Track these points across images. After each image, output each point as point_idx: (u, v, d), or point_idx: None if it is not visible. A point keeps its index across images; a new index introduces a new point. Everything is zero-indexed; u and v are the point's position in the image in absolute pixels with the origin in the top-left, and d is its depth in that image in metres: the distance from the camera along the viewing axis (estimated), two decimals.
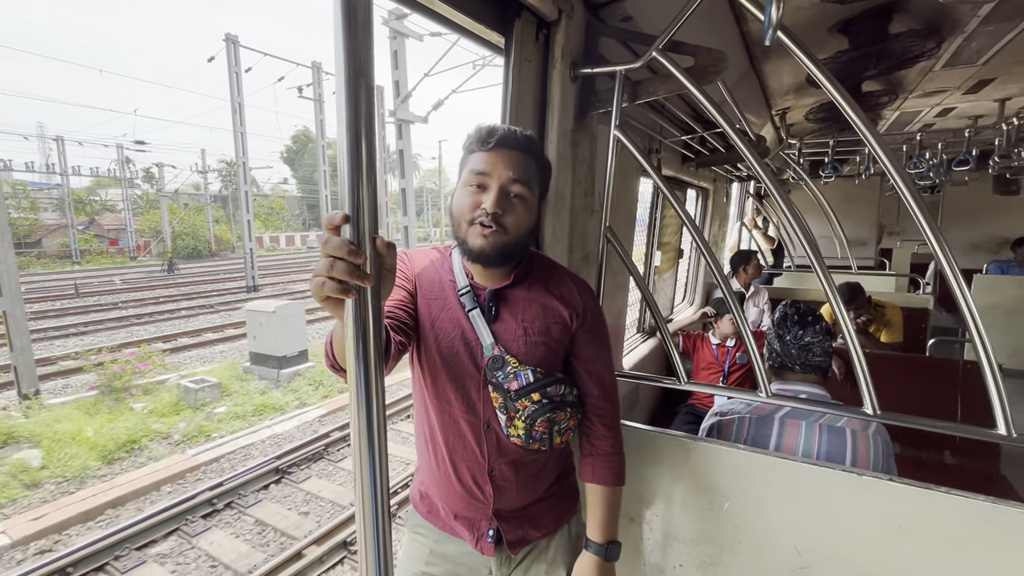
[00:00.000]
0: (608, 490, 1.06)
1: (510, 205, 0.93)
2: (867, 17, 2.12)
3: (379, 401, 0.62)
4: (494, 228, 0.91)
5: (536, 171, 0.97)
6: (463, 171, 0.96)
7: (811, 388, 1.36)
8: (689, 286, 3.79)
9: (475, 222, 0.92)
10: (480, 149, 0.94)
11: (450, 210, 0.98)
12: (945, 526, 1.01)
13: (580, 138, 1.42)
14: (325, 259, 0.58)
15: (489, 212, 0.90)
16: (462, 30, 1.15)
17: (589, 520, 1.07)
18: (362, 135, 0.57)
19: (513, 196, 0.93)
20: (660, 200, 2.85)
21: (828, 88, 1.05)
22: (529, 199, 0.95)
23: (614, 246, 1.38)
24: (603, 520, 1.05)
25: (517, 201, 0.93)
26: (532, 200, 0.96)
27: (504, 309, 1.01)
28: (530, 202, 0.95)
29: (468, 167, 0.94)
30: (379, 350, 0.62)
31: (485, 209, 0.91)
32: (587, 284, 1.09)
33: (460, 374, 0.99)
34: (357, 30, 0.55)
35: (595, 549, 1.05)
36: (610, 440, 1.08)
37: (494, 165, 0.92)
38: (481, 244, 0.92)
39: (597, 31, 1.37)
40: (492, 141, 0.93)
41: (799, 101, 3.37)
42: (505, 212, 0.92)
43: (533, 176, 0.96)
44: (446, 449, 1.02)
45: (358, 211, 0.58)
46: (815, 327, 1.41)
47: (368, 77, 0.57)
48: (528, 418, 0.97)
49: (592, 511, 1.07)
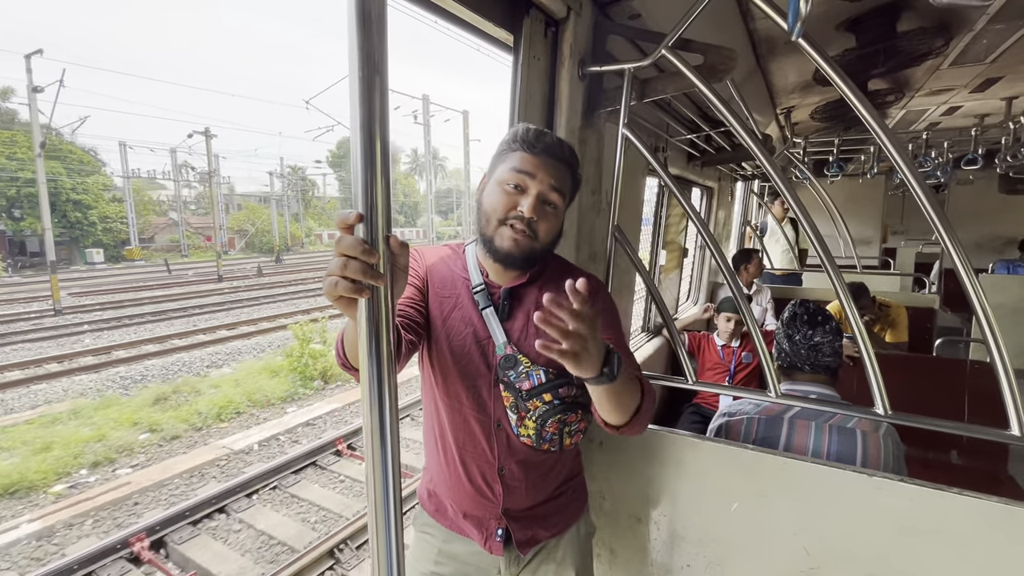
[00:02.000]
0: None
1: (544, 213, 0.93)
2: (875, 15, 2.11)
3: (392, 400, 0.62)
4: (528, 232, 0.92)
5: (570, 185, 0.98)
6: (499, 167, 0.95)
7: (821, 388, 1.36)
8: (694, 285, 3.79)
9: (507, 222, 0.92)
10: (525, 151, 0.93)
11: (479, 203, 0.97)
12: (957, 527, 1.00)
13: (587, 136, 1.42)
14: (338, 258, 0.58)
15: (526, 216, 0.90)
16: (471, 28, 1.14)
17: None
18: (376, 134, 0.56)
19: (548, 204, 0.94)
20: (666, 199, 2.84)
21: (840, 86, 1.04)
22: (561, 209, 0.96)
23: (622, 245, 1.37)
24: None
25: (551, 210, 0.94)
26: (563, 210, 0.98)
27: (518, 308, 1.01)
28: (561, 212, 0.97)
29: (508, 164, 0.93)
30: (392, 349, 0.62)
31: (522, 212, 0.91)
32: (598, 281, 1.08)
33: (471, 372, 0.99)
34: (371, 29, 0.55)
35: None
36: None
37: (537, 169, 0.92)
38: (510, 247, 0.92)
39: (605, 29, 1.36)
40: (539, 146, 0.93)
41: (804, 100, 3.35)
42: (540, 219, 0.92)
43: (568, 189, 0.97)
44: (456, 448, 1.02)
45: (371, 210, 0.58)
46: (825, 327, 1.40)
47: (383, 76, 0.56)
48: (539, 418, 0.96)
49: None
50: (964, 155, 3.83)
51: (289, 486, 4.17)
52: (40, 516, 3.82)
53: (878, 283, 4.01)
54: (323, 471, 4.46)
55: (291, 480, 4.26)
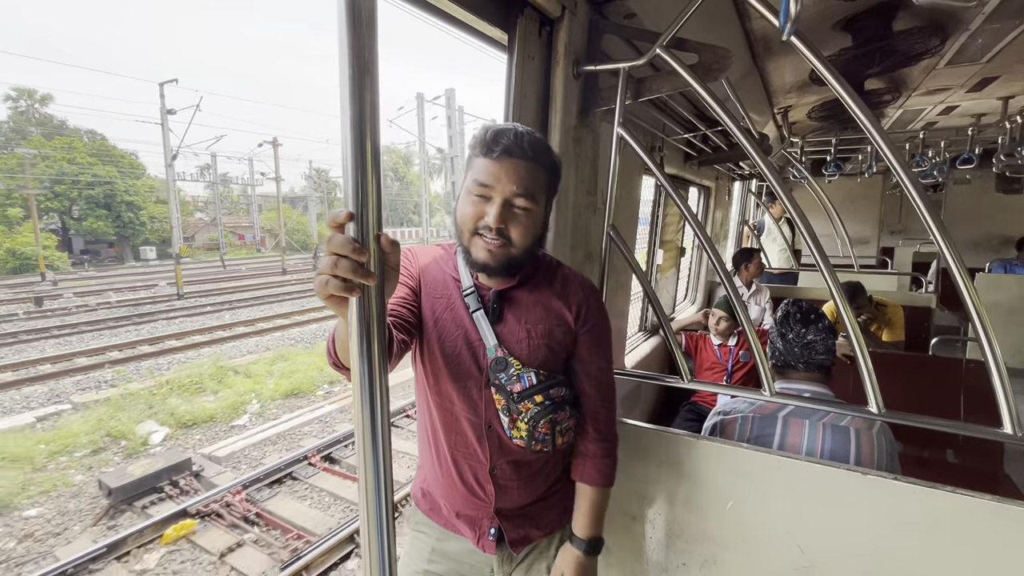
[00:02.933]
0: (594, 490, 1.06)
1: (513, 217, 0.90)
2: (870, 14, 2.11)
3: (383, 399, 0.62)
4: (499, 242, 0.90)
5: (544, 180, 0.93)
6: (467, 175, 0.92)
7: (815, 387, 1.36)
8: (691, 285, 3.79)
9: (478, 233, 0.91)
10: (484, 155, 0.89)
11: (453, 215, 0.96)
12: (949, 525, 1.00)
13: (583, 135, 1.42)
14: (329, 257, 0.58)
15: (492, 227, 0.88)
16: (465, 27, 1.14)
17: (575, 516, 1.08)
18: (366, 132, 0.56)
19: (517, 209, 0.90)
20: (663, 198, 2.84)
21: (834, 86, 1.04)
22: (534, 210, 0.91)
23: (617, 245, 1.37)
24: (589, 518, 1.06)
25: (521, 213, 0.90)
26: (538, 210, 0.92)
27: (508, 310, 1.01)
28: (535, 213, 0.92)
29: (471, 174, 0.91)
30: (383, 348, 0.62)
31: (488, 223, 0.88)
32: (591, 284, 1.08)
33: (462, 374, 0.99)
34: (361, 26, 0.54)
35: (577, 544, 1.05)
36: (601, 444, 1.07)
37: (497, 177, 0.87)
38: (486, 258, 0.91)
39: (600, 28, 1.36)
40: (497, 149, 0.87)
41: (801, 99, 3.36)
42: (509, 225, 0.89)
43: (540, 187, 0.92)
44: (448, 448, 1.02)
45: (362, 208, 0.58)
46: (817, 325, 1.40)
47: (373, 74, 0.56)
48: (531, 420, 0.96)
49: (579, 508, 1.07)
50: (960, 154, 3.84)
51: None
52: (324, 404, 6.24)
53: (875, 282, 4.02)
54: None
55: None
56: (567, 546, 1.07)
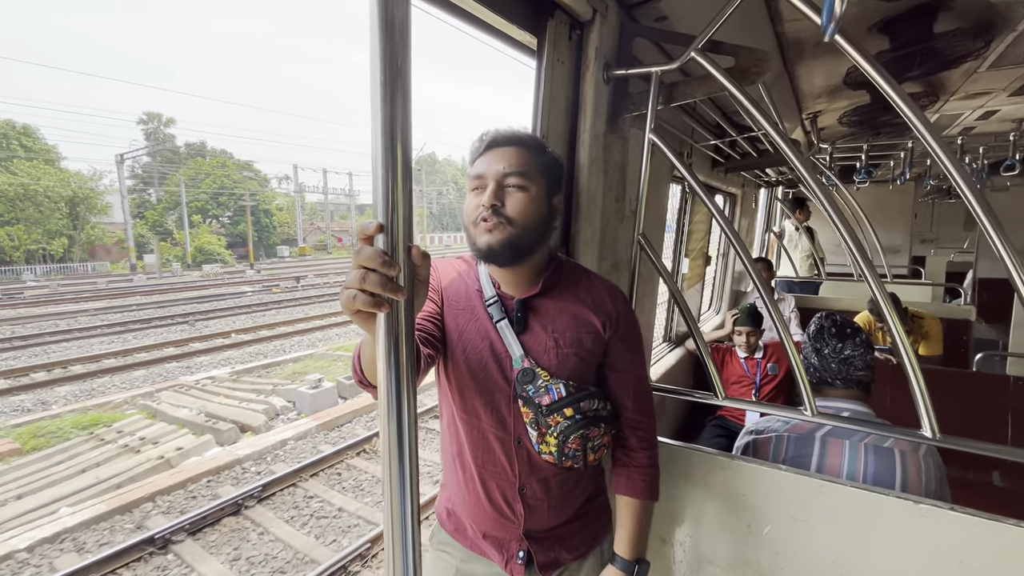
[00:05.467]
0: (642, 504, 1.01)
1: (508, 194, 0.89)
2: (911, 15, 2.02)
3: (411, 417, 0.59)
4: (496, 220, 0.88)
5: (537, 163, 0.92)
6: (467, 182, 0.96)
7: (854, 405, 1.29)
8: (716, 293, 3.70)
9: (478, 221, 0.90)
10: (479, 156, 0.93)
11: (463, 222, 0.97)
12: (1017, 563, 0.92)
13: (612, 142, 1.38)
14: (357, 271, 0.55)
15: (486, 205, 0.88)
16: (493, 31, 1.12)
17: (618, 534, 1.02)
18: (398, 141, 0.53)
19: (510, 187, 0.89)
20: (689, 205, 2.77)
21: (882, 86, 0.99)
22: (530, 188, 0.90)
23: (647, 253, 1.32)
24: (634, 535, 1.00)
25: (515, 190, 0.89)
26: (535, 190, 0.90)
27: (533, 319, 0.97)
28: (532, 192, 0.90)
29: (470, 176, 0.94)
30: (412, 365, 0.59)
31: (482, 202, 0.89)
32: (619, 290, 1.04)
33: (489, 388, 0.95)
34: (394, 32, 0.52)
35: (622, 565, 0.99)
36: (646, 453, 1.03)
37: (487, 164, 0.90)
38: (487, 240, 0.89)
39: (631, 32, 1.33)
40: (483, 146, 0.92)
41: (832, 104, 3.26)
42: (504, 203, 0.89)
43: (532, 167, 0.91)
44: (475, 466, 0.99)
45: (392, 219, 0.55)
46: (855, 339, 1.33)
47: (405, 79, 0.54)
48: (560, 434, 0.92)
49: (622, 525, 1.01)
50: (1002, 160, 3.68)
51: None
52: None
53: (909, 293, 3.86)
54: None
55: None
56: (611, 568, 1.00)
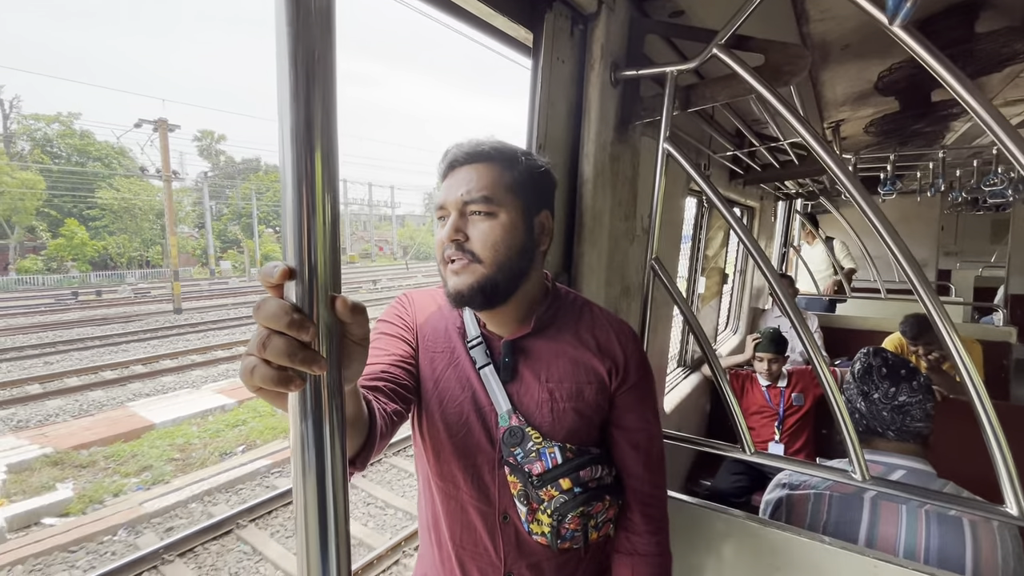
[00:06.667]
0: None
1: (471, 224, 0.74)
2: (949, 14, 1.84)
3: (342, 553, 0.42)
4: (460, 256, 0.73)
5: (506, 180, 0.75)
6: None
7: (910, 462, 1.09)
8: (733, 312, 3.49)
9: (445, 260, 0.75)
10: (442, 180, 0.78)
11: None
12: None
13: (620, 152, 1.21)
14: (258, 330, 0.39)
15: (446, 240, 0.73)
16: (482, 24, 0.96)
17: None
18: (316, 153, 0.37)
19: (474, 215, 0.74)
20: (705, 220, 2.59)
21: (952, 85, 0.82)
22: (498, 214, 0.74)
23: (661, 279, 1.15)
24: None
25: (479, 218, 0.74)
26: (506, 215, 0.74)
27: (524, 365, 0.80)
28: (501, 219, 0.74)
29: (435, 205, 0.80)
30: (340, 461, 0.42)
31: (442, 238, 0.75)
32: (629, 328, 0.86)
33: (470, 449, 0.78)
34: (311, 14, 0.36)
35: None
36: (655, 538, 0.84)
37: (448, 190, 0.75)
38: (454, 283, 0.74)
39: (642, 27, 1.17)
40: (444, 168, 0.78)
41: (856, 112, 3.07)
42: (468, 236, 0.73)
43: (499, 186, 0.75)
44: (452, 543, 0.81)
45: (308, 259, 0.38)
46: (911, 383, 1.14)
47: (328, 73, 0.37)
48: (556, 512, 0.75)
49: None
50: None
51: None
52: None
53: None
54: None
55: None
56: None
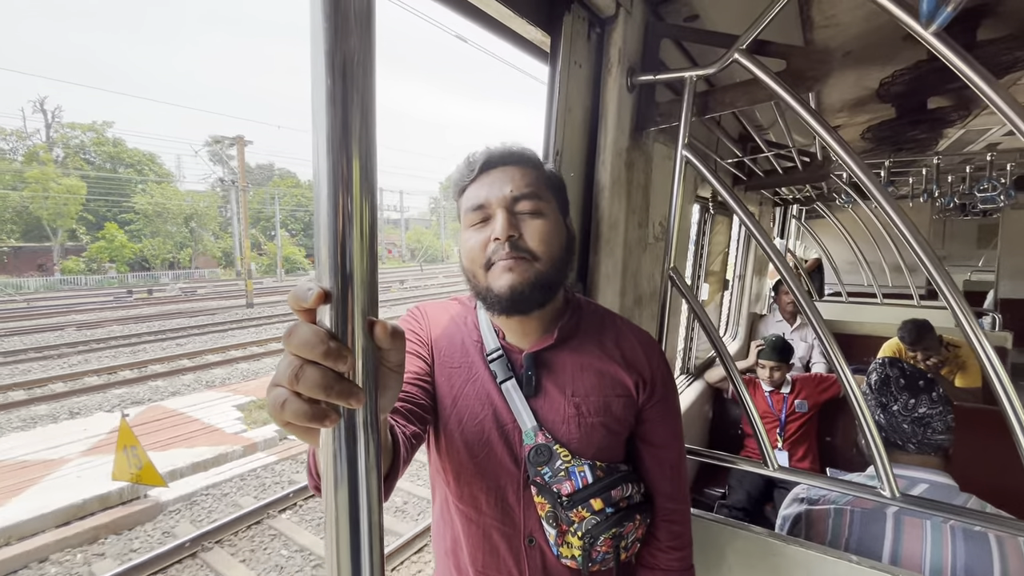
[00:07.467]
0: None
1: (523, 223, 0.72)
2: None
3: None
4: (518, 254, 0.70)
5: (544, 182, 0.76)
6: (462, 217, 0.77)
7: (933, 476, 1.07)
8: (732, 317, 3.49)
9: (492, 261, 0.71)
10: (470, 182, 0.76)
11: (462, 266, 0.77)
12: None
13: (636, 159, 1.19)
14: (289, 360, 0.35)
15: (502, 238, 0.70)
16: (499, 27, 0.93)
17: None
18: (354, 163, 0.33)
19: (523, 213, 0.73)
20: (708, 226, 2.58)
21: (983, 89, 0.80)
22: (548, 212, 0.74)
23: (680, 289, 1.12)
24: None
25: (530, 217, 0.73)
26: (553, 215, 0.75)
27: (548, 379, 0.77)
28: (550, 216, 0.74)
29: (466, 205, 0.76)
30: (377, 502, 0.38)
31: (498, 238, 0.71)
32: (652, 340, 0.83)
33: (492, 469, 0.75)
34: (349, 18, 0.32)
35: None
36: (678, 554, 0.82)
37: (488, 189, 0.73)
38: (509, 280, 0.69)
39: (657, 31, 1.14)
40: (476, 167, 0.75)
41: (852, 119, 3.08)
42: (523, 230, 0.72)
43: (542, 186, 0.75)
44: (473, 570, 0.77)
45: (343, 280, 0.34)
46: (930, 394, 1.12)
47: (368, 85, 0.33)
48: (587, 534, 0.71)
49: None
50: None
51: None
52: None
53: (940, 317, 3.65)
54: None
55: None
56: None
